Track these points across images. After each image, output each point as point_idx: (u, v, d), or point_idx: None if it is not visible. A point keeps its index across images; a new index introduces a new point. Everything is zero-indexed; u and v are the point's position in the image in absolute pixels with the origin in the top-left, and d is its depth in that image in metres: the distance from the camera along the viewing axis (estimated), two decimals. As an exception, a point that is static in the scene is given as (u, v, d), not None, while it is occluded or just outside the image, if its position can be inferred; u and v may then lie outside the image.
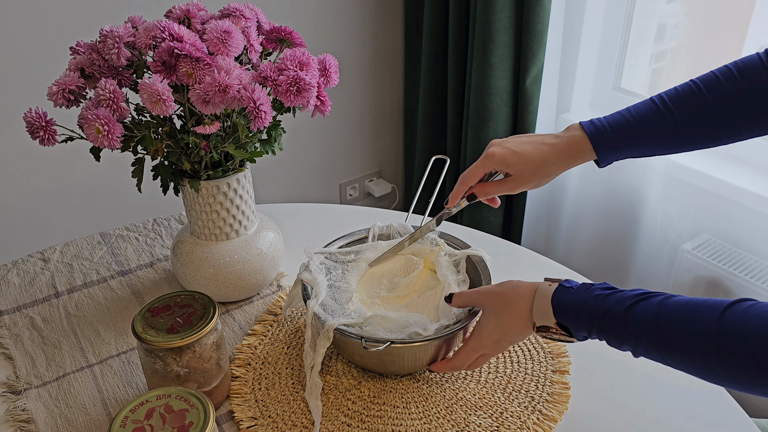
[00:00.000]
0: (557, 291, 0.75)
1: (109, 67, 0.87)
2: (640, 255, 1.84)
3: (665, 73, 1.85)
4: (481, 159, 0.88)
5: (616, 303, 0.69)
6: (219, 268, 0.98)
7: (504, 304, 0.79)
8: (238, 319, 1.02)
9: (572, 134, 0.86)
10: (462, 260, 0.96)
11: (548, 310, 0.75)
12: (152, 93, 0.80)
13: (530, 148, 0.86)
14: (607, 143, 0.84)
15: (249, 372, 0.91)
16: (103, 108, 0.82)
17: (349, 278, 0.95)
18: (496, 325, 0.80)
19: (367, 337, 0.81)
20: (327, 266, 0.96)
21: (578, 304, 0.72)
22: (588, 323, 0.72)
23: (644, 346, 0.67)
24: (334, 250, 0.98)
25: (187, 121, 0.88)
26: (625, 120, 0.84)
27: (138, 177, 0.90)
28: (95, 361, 0.94)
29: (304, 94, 0.84)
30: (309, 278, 0.90)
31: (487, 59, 1.86)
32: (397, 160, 2.57)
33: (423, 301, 0.94)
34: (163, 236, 1.22)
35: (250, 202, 1.00)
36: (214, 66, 0.82)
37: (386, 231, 1.02)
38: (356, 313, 0.87)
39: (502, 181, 0.89)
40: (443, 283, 0.94)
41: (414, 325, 0.84)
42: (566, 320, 0.74)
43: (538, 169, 0.86)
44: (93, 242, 1.20)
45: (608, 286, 0.73)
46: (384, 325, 0.85)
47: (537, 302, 0.76)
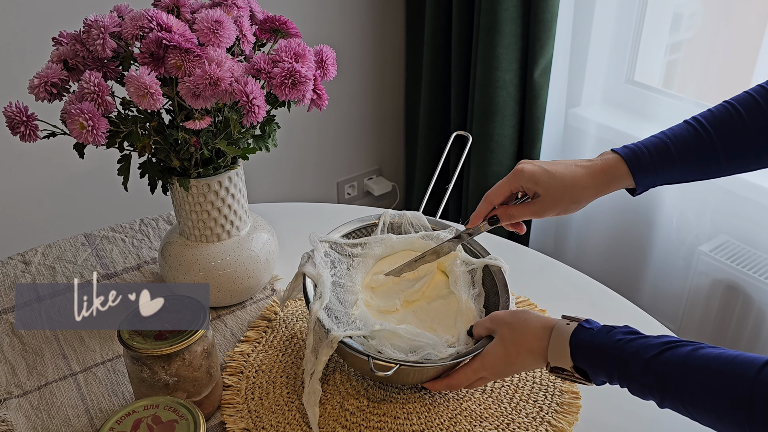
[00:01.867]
0: (576, 332, 0.74)
1: (94, 59, 0.87)
2: (655, 257, 1.84)
3: (681, 65, 1.85)
4: (509, 176, 0.87)
5: (640, 350, 0.69)
6: (210, 271, 0.98)
7: (513, 336, 0.79)
8: (230, 325, 1.02)
9: (606, 158, 0.85)
10: (479, 270, 0.95)
11: (565, 352, 0.74)
12: (139, 86, 0.80)
13: (562, 168, 0.85)
14: (644, 166, 0.83)
15: (241, 381, 0.91)
16: (87, 102, 0.82)
17: (354, 276, 0.94)
18: (503, 355, 0.80)
19: (374, 356, 0.80)
20: (332, 258, 0.94)
21: (598, 348, 0.72)
22: (608, 369, 0.71)
23: (670, 400, 0.67)
24: (340, 241, 0.96)
25: (176, 115, 0.88)
26: (661, 142, 0.83)
27: (124, 175, 0.90)
28: (79, 370, 0.94)
29: (300, 88, 0.84)
30: (313, 273, 0.89)
31: (492, 50, 1.86)
32: (397, 157, 2.57)
33: (433, 310, 0.94)
34: (151, 237, 1.22)
35: (242, 201, 1.00)
36: (204, 58, 0.82)
37: (398, 220, 1.00)
38: (362, 322, 0.87)
39: (528, 204, 0.87)
40: (457, 295, 0.93)
41: (427, 347, 0.83)
42: (584, 363, 0.73)
43: (567, 191, 0.84)
44: (77, 244, 1.20)
45: (631, 329, 0.72)
46: (392, 341, 0.84)
47: (554, 342, 0.75)
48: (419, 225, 1.00)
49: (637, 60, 1.83)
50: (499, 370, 0.81)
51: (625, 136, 1.83)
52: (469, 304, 0.92)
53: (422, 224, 1.00)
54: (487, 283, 0.94)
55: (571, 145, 1.98)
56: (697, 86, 1.73)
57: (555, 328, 0.76)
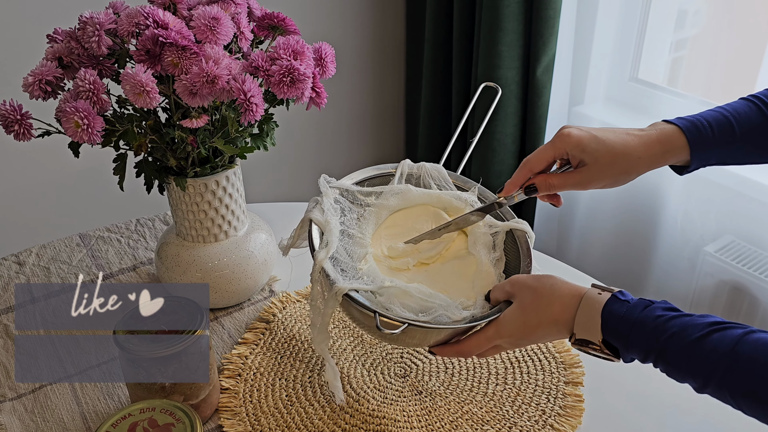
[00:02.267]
0: (609, 303, 0.69)
1: (89, 57, 0.87)
2: (660, 258, 1.84)
3: (686, 63, 1.86)
4: (553, 140, 0.80)
5: (684, 329, 0.64)
6: (207, 272, 0.98)
7: (536, 301, 0.73)
8: (228, 327, 1.02)
9: (662, 128, 0.79)
10: (502, 233, 0.89)
11: (595, 324, 0.69)
12: (135, 84, 0.80)
13: (612, 136, 0.79)
14: (704, 140, 0.77)
15: (239, 384, 0.91)
16: (82, 100, 0.82)
17: (365, 227, 0.88)
18: (521, 323, 0.74)
19: (381, 313, 0.74)
20: (342, 206, 0.88)
21: (635, 323, 0.67)
22: (645, 348, 0.66)
23: (715, 385, 0.62)
24: (353, 188, 0.90)
25: (172, 114, 0.88)
26: (722, 116, 0.78)
27: (120, 174, 0.90)
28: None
29: (299, 86, 0.84)
30: (320, 219, 0.84)
31: (494, 48, 1.86)
32: (398, 156, 2.57)
33: (448, 270, 0.88)
34: (147, 238, 1.22)
35: (240, 201, 1.00)
36: (201, 55, 0.82)
37: (417, 171, 0.93)
38: (369, 278, 0.81)
39: (572, 173, 0.80)
40: (476, 256, 0.88)
41: (439, 308, 0.78)
42: (617, 339, 0.68)
43: (617, 160, 0.78)
44: (72, 244, 1.20)
45: (670, 305, 0.68)
46: (402, 299, 0.78)
47: (582, 311, 0.70)
48: (439, 178, 0.94)
49: (641, 57, 1.83)
50: (516, 339, 0.75)
51: (629, 134, 1.83)
52: (489, 267, 0.86)
53: (442, 177, 0.94)
54: (508, 248, 0.89)
55: (574, 144, 1.98)
56: (702, 84, 1.73)
57: (585, 297, 0.70)
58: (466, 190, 0.93)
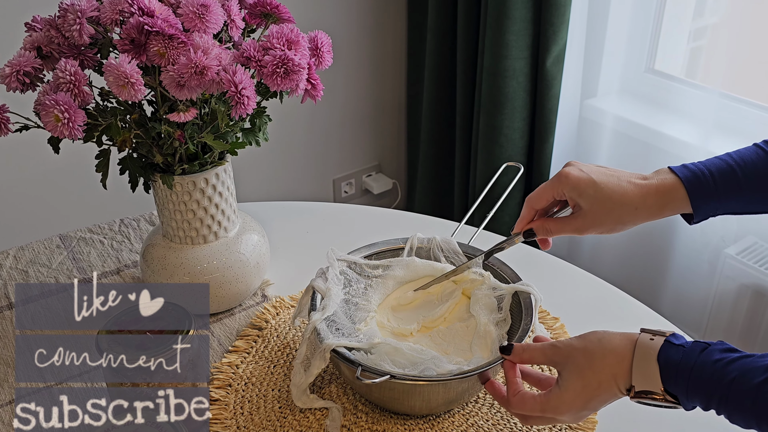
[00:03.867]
0: (664, 349, 0.69)
1: (70, 46, 0.87)
2: (678, 261, 1.84)
3: (705, 53, 1.85)
4: (553, 179, 0.83)
5: (746, 373, 0.64)
6: (195, 275, 0.98)
7: (589, 361, 0.73)
8: (218, 334, 1.02)
9: (663, 178, 0.80)
10: (508, 296, 0.92)
11: (653, 372, 0.69)
12: (119, 75, 0.80)
13: (612, 182, 0.80)
14: (705, 191, 0.78)
15: (230, 394, 0.91)
16: (62, 92, 0.82)
17: (371, 296, 0.95)
18: (581, 389, 0.73)
19: (364, 365, 0.80)
20: (348, 278, 0.95)
21: (694, 369, 0.67)
22: (707, 395, 0.67)
23: None
24: (360, 260, 0.97)
25: (158, 107, 0.88)
26: (726, 164, 0.79)
27: (103, 171, 0.90)
28: (54, 382, 0.94)
29: (293, 77, 0.84)
30: (321, 287, 0.90)
31: (501, 37, 1.86)
32: (399, 153, 2.57)
33: (450, 333, 0.93)
34: (132, 239, 1.22)
35: (230, 200, 1.00)
36: (189, 44, 0.82)
37: (426, 245, 1.00)
38: (365, 336, 0.87)
39: (567, 219, 0.84)
40: (476, 318, 0.92)
41: (428, 361, 0.82)
42: (677, 387, 0.68)
43: (613, 210, 0.80)
44: (51, 246, 1.20)
45: (728, 346, 0.68)
46: (393, 356, 0.84)
47: (638, 361, 0.70)
48: (449, 250, 0.99)
49: (657, 47, 1.83)
50: (579, 408, 0.74)
51: (644, 129, 1.83)
52: (489, 327, 0.89)
53: (452, 249, 0.99)
54: (514, 310, 0.92)
55: (586, 139, 1.98)
56: (722, 75, 1.73)
57: (638, 345, 0.71)
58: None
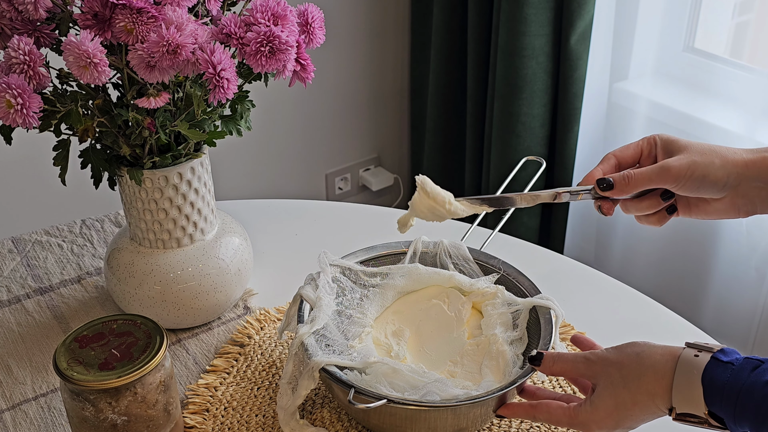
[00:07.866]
0: (710, 367, 0.69)
1: (24, 21, 0.87)
2: (721, 268, 1.84)
3: (753, 29, 1.85)
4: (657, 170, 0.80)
5: None
6: (168, 284, 0.98)
7: (624, 379, 0.74)
8: (193, 352, 1.02)
9: None
10: (525, 311, 0.92)
11: (696, 394, 0.69)
12: (80, 55, 0.80)
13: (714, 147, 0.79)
14: None
15: (207, 420, 0.92)
16: (15, 74, 0.82)
17: (367, 309, 0.95)
18: (613, 409, 0.74)
19: (358, 387, 0.79)
20: (342, 286, 0.95)
21: (742, 391, 0.67)
22: (756, 419, 0.66)
23: None
24: (356, 267, 0.96)
25: (125, 92, 0.88)
26: None
27: (62, 165, 0.90)
28: (5, 407, 0.94)
29: (280, 57, 0.84)
30: (311, 296, 0.90)
31: (519, 11, 1.86)
32: (401, 144, 2.57)
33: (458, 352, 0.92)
34: (95, 243, 1.22)
35: (208, 197, 1.00)
36: (161, 19, 0.82)
37: (432, 249, 0.99)
38: (360, 355, 0.87)
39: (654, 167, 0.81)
40: (488, 336, 0.91)
41: (431, 385, 0.82)
42: (722, 410, 0.68)
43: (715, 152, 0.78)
44: (3, 250, 1.20)
45: None
46: (391, 378, 0.84)
47: (679, 380, 0.70)
48: (458, 256, 0.99)
49: (698, 22, 1.83)
50: (609, 428, 0.75)
51: (683, 116, 1.83)
52: (502, 346, 0.89)
53: (461, 255, 0.99)
54: (531, 326, 0.92)
55: (616, 128, 1.98)
56: (772, 55, 1.74)
57: (680, 361, 0.71)
58: (490, 267, 0.98)
